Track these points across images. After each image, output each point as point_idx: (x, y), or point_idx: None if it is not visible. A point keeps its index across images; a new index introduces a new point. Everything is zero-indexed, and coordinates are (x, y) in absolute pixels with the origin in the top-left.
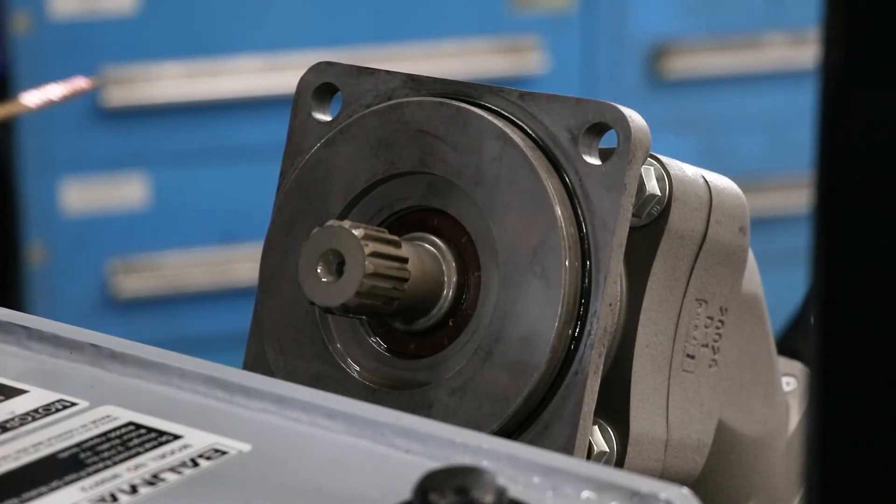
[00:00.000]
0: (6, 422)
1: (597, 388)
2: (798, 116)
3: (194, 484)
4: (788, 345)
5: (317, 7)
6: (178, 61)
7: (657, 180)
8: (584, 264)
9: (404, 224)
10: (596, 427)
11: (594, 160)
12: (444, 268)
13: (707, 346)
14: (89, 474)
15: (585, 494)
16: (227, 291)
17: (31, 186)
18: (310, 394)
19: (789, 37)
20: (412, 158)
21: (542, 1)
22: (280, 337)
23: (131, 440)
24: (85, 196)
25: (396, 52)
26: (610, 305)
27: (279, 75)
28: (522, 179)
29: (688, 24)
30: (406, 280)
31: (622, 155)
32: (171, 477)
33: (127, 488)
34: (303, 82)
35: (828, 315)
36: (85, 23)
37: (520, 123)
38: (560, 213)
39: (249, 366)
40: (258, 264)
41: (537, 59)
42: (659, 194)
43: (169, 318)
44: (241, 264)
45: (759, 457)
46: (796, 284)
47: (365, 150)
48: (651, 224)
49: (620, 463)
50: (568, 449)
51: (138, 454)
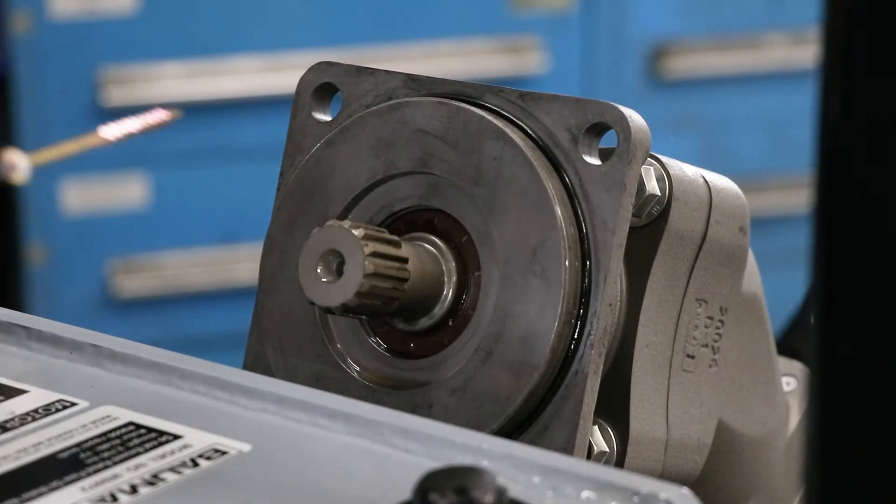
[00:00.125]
0: (6, 422)
1: (597, 388)
2: (798, 116)
3: (194, 484)
4: (788, 345)
5: (317, 7)
6: (178, 61)
7: (657, 180)
8: (584, 264)
9: (404, 224)
10: (596, 427)
11: (594, 160)
12: (444, 268)
13: (707, 346)
14: (89, 474)
15: (585, 494)
16: (227, 291)
17: (31, 186)
18: (310, 394)
19: (789, 37)
20: (412, 158)
21: (542, 1)
22: (280, 337)
23: (131, 440)
24: (85, 196)
25: (396, 52)
26: (610, 305)
27: (279, 75)
28: (522, 179)
29: (688, 24)
30: (406, 280)
31: (622, 155)
32: (171, 477)
33: (127, 488)
34: (303, 82)
35: (828, 315)
36: (85, 23)
37: (520, 123)
38: (560, 213)
39: (249, 366)
40: (258, 264)
41: (537, 59)
42: (659, 194)
43: (169, 318)
44: (241, 264)
45: (759, 457)
46: (796, 284)
47: (365, 150)
48: (651, 224)
49: (620, 463)
50: (568, 449)
51: (138, 454)
